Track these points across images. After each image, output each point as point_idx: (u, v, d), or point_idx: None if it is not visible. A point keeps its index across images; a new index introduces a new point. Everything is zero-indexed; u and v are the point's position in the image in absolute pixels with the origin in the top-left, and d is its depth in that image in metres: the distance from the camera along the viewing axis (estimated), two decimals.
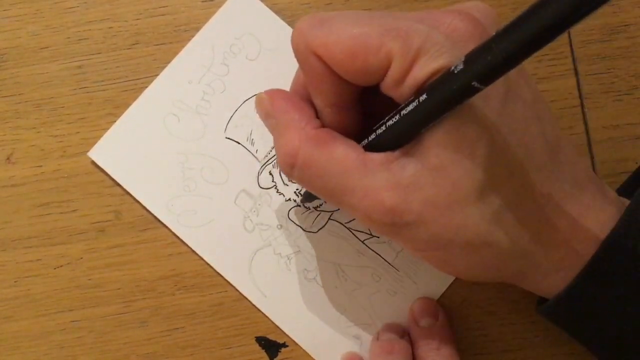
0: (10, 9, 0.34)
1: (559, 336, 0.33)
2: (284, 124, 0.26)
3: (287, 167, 0.25)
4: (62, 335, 0.33)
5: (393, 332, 0.32)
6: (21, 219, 0.33)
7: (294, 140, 0.25)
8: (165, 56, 0.34)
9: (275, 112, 0.26)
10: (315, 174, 0.25)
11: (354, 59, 0.23)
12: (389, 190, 0.23)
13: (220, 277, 0.33)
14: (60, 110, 0.34)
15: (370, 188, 0.24)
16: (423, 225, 0.24)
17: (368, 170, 0.24)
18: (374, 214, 0.24)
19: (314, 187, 0.26)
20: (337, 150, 0.24)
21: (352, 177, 0.24)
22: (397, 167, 0.24)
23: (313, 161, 0.25)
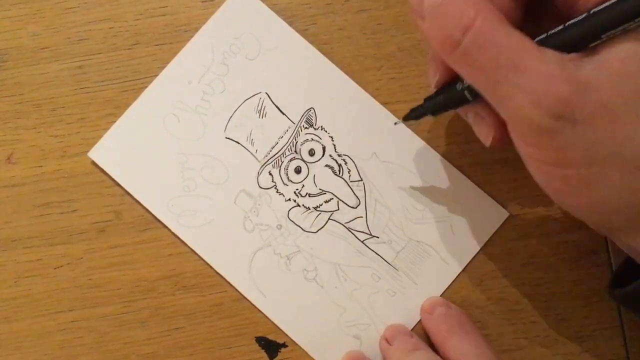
0: (11, 9, 0.34)
1: (559, 336, 0.33)
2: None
3: (458, 31, 0.23)
4: (62, 335, 0.33)
5: (401, 333, 0.32)
6: (21, 219, 0.33)
7: (470, 8, 0.23)
8: (165, 56, 0.34)
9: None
10: (489, 42, 0.23)
11: None
12: (566, 80, 0.22)
13: (220, 277, 0.33)
14: (60, 110, 0.34)
15: (546, 72, 0.22)
16: (590, 127, 0.22)
17: (547, 56, 0.23)
18: (544, 98, 0.22)
19: (481, 58, 0.23)
20: (515, 31, 0.23)
21: (529, 57, 0.23)
22: (575, 65, 0.22)
23: (491, 29, 0.23)
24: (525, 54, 0.23)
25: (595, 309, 0.33)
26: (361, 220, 0.33)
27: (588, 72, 0.22)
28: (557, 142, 0.23)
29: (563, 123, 0.22)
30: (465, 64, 0.24)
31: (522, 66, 0.23)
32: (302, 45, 0.34)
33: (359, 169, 0.34)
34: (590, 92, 0.22)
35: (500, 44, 0.23)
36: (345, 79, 0.34)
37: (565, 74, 0.22)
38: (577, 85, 0.22)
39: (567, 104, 0.22)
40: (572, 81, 0.22)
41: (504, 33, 0.23)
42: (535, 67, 0.22)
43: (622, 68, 0.22)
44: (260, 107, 0.34)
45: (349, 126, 0.34)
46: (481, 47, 0.23)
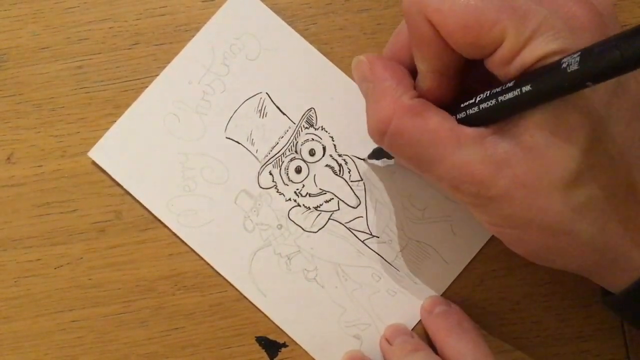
0: (11, 9, 0.34)
1: (560, 336, 0.33)
2: (380, 91, 0.26)
3: (377, 133, 0.26)
4: (62, 335, 0.33)
5: (402, 333, 0.32)
6: (21, 219, 0.33)
7: (388, 108, 0.25)
8: (165, 56, 0.34)
9: (373, 77, 0.27)
10: (406, 142, 0.25)
11: (467, 31, 0.23)
12: (480, 164, 0.24)
13: (220, 277, 0.33)
14: (60, 110, 0.34)
15: (461, 160, 0.24)
16: (507, 201, 0.24)
17: (460, 143, 0.24)
18: (462, 184, 0.25)
19: (403, 154, 0.26)
20: (431, 121, 0.25)
21: (444, 148, 0.24)
22: (489, 143, 0.24)
23: (406, 129, 0.25)
24: (442, 145, 0.25)
25: (595, 309, 0.33)
26: (361, 220, 0.33)
27: (503, 148, 0.24)
28: (484, 210, 0.25)
29: (481, 200, 0.25)
30: (394, 152, 0.27)
31: (440, 157, 0.25)
32: (302, 45, 0.34)
33: (360, 169, 0.34)
34: (505, 170, 0.24)
35: (417, 141, 0.25)
36: (346, 79, 0.34)
37: (480, 156, 0.24)
38: (492, 165, 0.24)
39: (482, 185, 0.24)
40: (487, 162, 0.24)
41: (418, 129, 0.25)
42: (450, 156, 0.24)
43: (533, 143, 0.23)
44: (260, 107, 0.34)
45: (349, 126, 0.34)
46: (400, 145, 0.26)
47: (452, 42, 0.24)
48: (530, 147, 0.23)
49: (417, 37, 0.25)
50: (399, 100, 0.25)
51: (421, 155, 0.25)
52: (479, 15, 0.22)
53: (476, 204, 0.25)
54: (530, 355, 0.33)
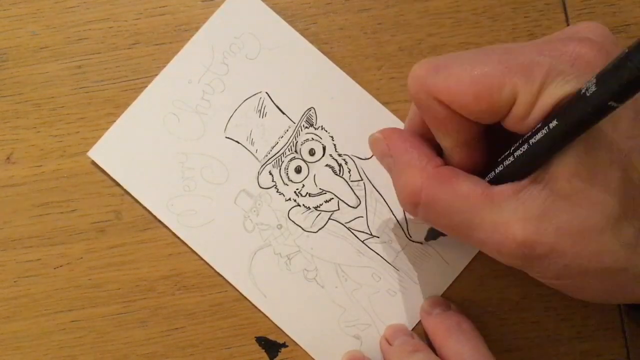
0: (10, 8, 0.34)
1: (560, 336, 0.33)
2: (404, 163, 0.26)
3: (410, 206, 0.26)
4: (62, 335, 0.33)
5: (402, 333, 0.32)
6: (21, 219, 0.33)
7: (415, 179, 0.25)
8: (165, 56, 0.34)
9: (393, 151, 0.27)
10: (440, 211, 0.25)
11: (479, 101, 0.23)
12: (519, 222, 0.23)
13: (220, 277, 0.33)
14: (60, 110, 0.34)
15: (499, 222, 0.23)
16: (556, 255, 0.23)
17: (495, 204, 0.24)
18: (504, 248, 0.24)
19: (439, 224, 0.26)
20: (462, 186, 0.24)
21: (479, 213, 0.24)
22: (526, 197, 0.23)
23: (437, 199, 0.25)
24: (476, 210, 0.24)
25: (595, 309, 0.33)
26: (361, 220, 0.33)
27: (542, 199, 0.23)
28: (535, 268, 0.24)
29: (530, 260, 0.24)
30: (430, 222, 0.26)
31: (476, 223, 0.24)
32: (303, 44, 0.34)
33: (360, 169, 0.34)
34: (547, 223, 0.23)
35: (449, 209, 0.24)
36: (346, 79, 0.34)
37: (520, 213, 0.23)
38: (532, 222, 0.23)
39: (526, 245, 0.23)
40: (527, 219, 0.23)
41: (450, 196, 0.24)
42: (488, 220, 0.24)
43: (570, 190, 0.22)
44: (260, 106, 0.34)
45: (349, 126, 0.34)
46: (434, 215, 0.25)
47: (467, 114, 0.24)
48: (568, 194, 0.22)
49: (433, 117, 0.25)
50: (425, 170, 0.25)
51: (458, 223, 0.25)
52: (486, 83, 0.22)
53: (525, 265, 0.24)
54: (530, 355, 0.33)
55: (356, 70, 0.34)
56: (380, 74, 0.34)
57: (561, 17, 0.34)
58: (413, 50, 0.34)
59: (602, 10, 0.34)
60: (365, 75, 0.34)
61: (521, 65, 0.22)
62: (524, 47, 0.23)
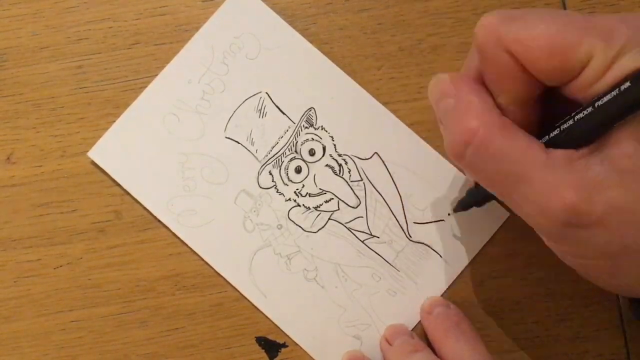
0: (10, 8, 0.34)
1: (559, 336, 0.33)
2: (464, 105, 0.25)
3: (460, 145, 0.24)
4: (62, 335, 0.33)
5: (402, 333, 0.32)
6: (21, 219, 0.33)
7: (475, 120, 0.24)
8: (165, 56, 0.34)
9: (457, 91, 0.25)
10: (491, 157, 0.24)
11: (552, 56, 0.22)
12: (571, 187, 0.22)
13: (220, 277, 0.33)
14: (60, 110, 0.34)
15: (551, 181, 0.22)
16: (602, 228, 0.22)
17: (551, 164, 0.23)
18: (550, 209, 0.23)
19: (486, 170, 0.24)
20: (519, 138, 0.23)
21: (533, 166, 0.23)
22: (582, 165, 0.22)
23: (492, 143, 0.23)
24: (529, 163, 0.23)
25: (595, 309, 0.33)
26: (361, 220, 0.33)
27: (597, 171, 0.22)
28: (570, 242, 0.24)
29: (573, 229, 0.23)
30: (472, 174, 0.25)
31: (527, 177, 0.23)
32: (303, 44, 0.34)
33: (359, 169, 0.34)
34: (599, 194, 0.22)
35: (503, 155, 0.23)
36: (346, 79, 0.34)
37: (572, 179, 0.22)
38: (584, 190, 0.22)
39: (574, 211, 0.22)
40: (578, 186, 0.22)
41: (507, 142, 0.23)
42: (539, 177, 0.23)
43: (630, 166, 0.22)
44: (260, 106, 0.34)
45: (349, 126, 0.34)
46: (484, 160, 0.24)
47: (536, 70, 0.23)
48: (627, 169, 0.22)
49: (496, 70, 0.24)
50: (487, 113, 0.24)
51: (507, 173, 0.23)
52: (562, 39, 0.22)
53: (563, 235, 0.24)
54: (530, 355, 0.33)
55: (356, 70, 0.34)
56: (380, 74, 0.34)
57: None
58: (413, 50, 0.34)
59: (602, 10, 0.34)
60: (365, 75, 0.34)
61: (601, 29, 0.22)
62: (605, 15, 0.23)
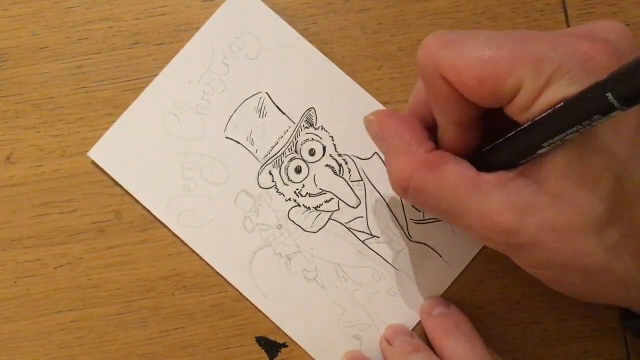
0: (10, 8, 0.34)
1: (559, 336, 0.33)
2: (395, 147, 0.26)
3: (400, 191, 0.26)
4: (62, 335, 0.33)
5: (402, 333, 0.32)
6: (21, 219, 0.33)
7: (406, 165, 0.26)
8: (165, 56, 0.34)
9: (384, 134, 0.27)
10: (429, 197, 0.25)
11: (483, 84, 0.23)
12: (504, 211, 0.24)
13: (220, 277, 0.33)
14: (60, 110, 0.34)
15: (485, 209, 0.24)
16: (538, 247, 0.24)
17: (482, 192, 0.24)
18: (489, 233, 0.24)
19: (428, 208, 0.26)
20: (450, 173, 0.25)
21: (466, 199, 0.24)
22: (512, 188, 0.24)
23: (426, 185, 0.25)
24: (464, 197, 0.24)
25: (595, 309, 0.33)
26: (361, 220, 0.33)
27: (528, 193, 0.23)
28: (517, 256, 0.25)
29: (512, 247, 0.25)
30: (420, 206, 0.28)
31: (464, 208, 0.25)
32: (303, 44, 0.34)
33: (360, 169, 0.34)
34: (531, 216, 0.23)
35: (438, 195, 0.25)
36: (346, 79, 0.34)
37: (505, 203, 0.24)
38: (517, 212, 0.23)
39: (509, 233, 0.24)
40: (512, 209, 0.23)
41: (439, 183, 0.25)
42: (474, 207, 0.24)
43: (558, 189, 0.23)
44: (260, 106, 0.34)
45: (349, 126, 0.34)
46: (423, 200, 0.26)
47: (469, 96, 0.24)
48: (556, 193, 0.23)
49: (434, 92, 0.25)
50: (415, 156, 0.26)
51: (446, 208, 0.25)
52: (493, 67, 0.22)
53: (508, 251, 0.25)
54: (530, 355, 0.33)
55: (356, 70, 0.34)
56: (380, 74, 0.34)
57: (561, 17, 0.34)
58: (413, 50, 0.34)
59: (602, 10, 0.34)
60: (365, 75, 0.34)
61: (532, 56, 0.22)
62: (540, 38, 0.23)
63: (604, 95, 0.19)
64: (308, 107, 0.34)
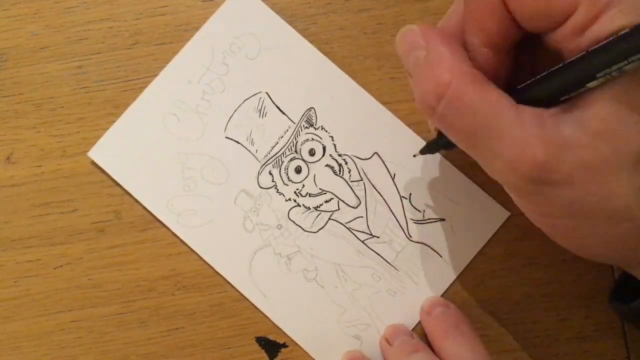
0: (10, 9, 0.34)
1: (559, 336, 0.33)
2: (436, 57, 0.24)
3: (433, 98, 0.24)
4: (62, 335, 0.33)
5: (401, 333, 0.32)
6: (21, 219, 0.33)
7: (447, 72, 0.23)
8: (165, 56, 0.34)
9: (427, 43, 0.25)
10: (464, 110, 0.23)
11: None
12: (542, 143, 0.22)
13: (220, 277, 0.33)
14: (60, 110, 0.34)
15: (521, 137, 0.22)
16: (569, 187, 0.22)
17: (522, 119, 0.22)
18: (520, 164, 0.22)
19: (458, 124, 0.24)
20: (492, 92, 0.23)
21: (504, 121, 0.23)
22: (552, 124, 0.22)
23: (465, 95, 0.23)
24: (500, 118, 0.23)
25: (595, 309, 0.33)
26: (361, 220, 0.33)
27: (567, 131, 0.22)
28: (539, 199, 0.24)
29: (541, 186, 0.23)
30: (443, 128, 0.25)
31: (497, 132, 0.23)
32: (303, 44, 0.34)
33: (360, 169, 0.34)
34: (568, 152, 0.22)
35: (474, 110, 0.23)
36: (346, 79, 0.34)
37: (542, 136, 0.22)
38: (553, 147, 0.22)
39: (543, 167, 0.22)
40: (548, 143, 0.22)
41: (479, 97, 0.23)
42: (510, 132, 0.23)
43: (602, 128, 0.22)
44: (260, 106, 0.34)
45: (349, 126, 0.34)
46: (455, 113, 0.24)
47: (519, 12, 0.22)
48: (598, 131, 0.22)
49: (476, 5, 0.23)
50: (459, 66, 0.23)
51: (479, 127, 0.23)
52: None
53: (531, 191, 0.23)
54: (530, 355, 0.33)
55: (356, 70, 0.34)
56: (380, 74, 0.34)
57: None
58: None
59: None
60: (365, 75, 0.34)
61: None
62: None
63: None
64: (308, 107, 0.34)
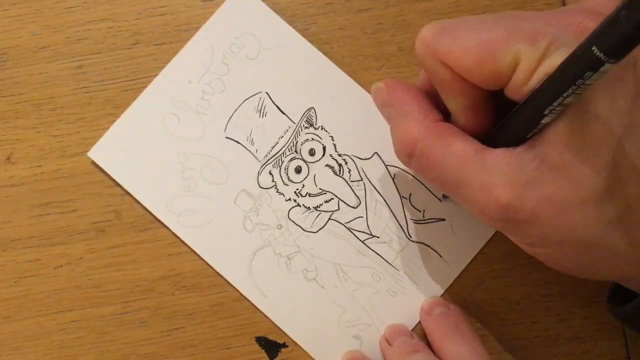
0: (10, 8, 0.34)
1: (560, 336, 0.33)
2: (402, 114, 0.26)
3: (404, 156, 0.26)
4: (62, 335, 0.33)
5: (401, 333, 0.32)
6: (21, 219, 0.33)
7: (413, 130, 0.26)
8: (165, 56, 0.34)
9: (393, 101, 0.27)
10: (432, 164, 0.25)
11: (482, 65, 0.23)
12: (504, 186, 0.23)
13: (220, 277, 0.33)
14: (60, 110, 0.34)
15: (486, 183, 0.24)
16: (536, 223, 0.24)
17: (485, 165, 0.24)
18: (487, 208, 0.24)
19: (430, 176, 0.26)
20: (456, 143, 0.25)
21: (469, 171, 0.24)
22: (516, 163, 0.24)
23: (431, 152, 0.25)
24: (467, 169, 0.24)
25: (595, 309, 0.33)
26: (361, 220, 0.33)
27: (531, 167, 0.23)
28: (515, 233, 0.26)
29: (510, 224, 0.25)
30: (422, 174, 0.27)
31: (465, 180, 0.25)
32: (303, 44, 0.34)
33: (360, 169, 0.34)
34: (531, 191, 0.23)
35: (441, 163, 0.25)
36: (346, 79, 0.34)
37: (507, 178, 0.24)
38: (518, 187, 0.23)
39: (508, 209, 0.24)
40: (513, 184, 0.23)
41: (443, 151, 0.25)
42: (476, 179, 0.24)
43: (560, 163, 0.23)
44: (260, 106, 0.34)
45: (349, 126, 0.34)
46: (425, 168, 0.26)
47: (471, 78, 0.24)
48: (557, 166, 0.23)
49: (438, 80, 0.25)
50: (422, 123, 0.26)
51: (447, 178, 0.25)
52: (490, 47, 0.23)
53: (507, 228, 0.25)
54: (530, 355, 0.33)
55: (356, 70, 0.34)
56: (380, 74, 0.34)
57: None
58: (413, 50, 0.34)
59: None
60: (365, 75, 0.34)
61: (526, 32, 0.22)
62: (532, 16, 0.24)
63: (590, 50, 0.19)
64: (308, 107, 0.34)
